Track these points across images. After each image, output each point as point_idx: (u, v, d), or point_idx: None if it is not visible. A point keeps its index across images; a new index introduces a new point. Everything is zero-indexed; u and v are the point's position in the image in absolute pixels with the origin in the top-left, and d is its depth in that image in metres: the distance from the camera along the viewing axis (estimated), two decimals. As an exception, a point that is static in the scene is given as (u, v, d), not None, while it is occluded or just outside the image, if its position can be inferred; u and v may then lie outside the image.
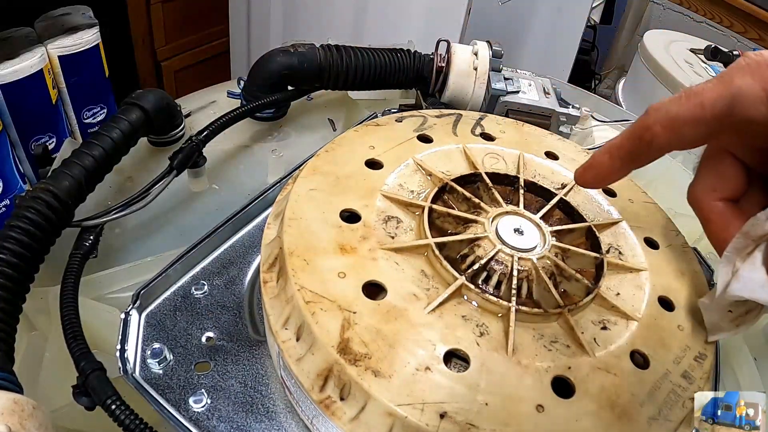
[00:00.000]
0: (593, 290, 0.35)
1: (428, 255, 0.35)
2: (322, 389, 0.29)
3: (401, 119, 0.45)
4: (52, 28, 0.99)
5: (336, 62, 0.58)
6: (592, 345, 0.32)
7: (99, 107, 1.09)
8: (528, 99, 0.61)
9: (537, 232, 0.37)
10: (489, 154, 0.43)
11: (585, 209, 0.41)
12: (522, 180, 0.41)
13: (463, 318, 0.32)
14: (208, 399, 0.35)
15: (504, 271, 0.34)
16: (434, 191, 0.38)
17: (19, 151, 0.97)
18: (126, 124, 0.47)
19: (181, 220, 0.51)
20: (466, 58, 0.61)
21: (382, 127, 0.44)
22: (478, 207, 0.38)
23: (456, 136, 0.45)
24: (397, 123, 0.45)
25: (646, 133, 0.31)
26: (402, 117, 0.46)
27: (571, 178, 0.41)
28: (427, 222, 0.36)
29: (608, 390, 0.30)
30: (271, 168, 0.57)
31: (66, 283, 0.38)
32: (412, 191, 0.39)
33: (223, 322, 0.40)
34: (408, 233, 0.36)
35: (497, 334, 0.31)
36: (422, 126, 0.45)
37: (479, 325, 0.32)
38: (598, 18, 1.82)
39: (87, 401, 0.32)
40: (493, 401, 0.28)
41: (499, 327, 0.32)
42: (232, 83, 0.66)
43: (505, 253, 0.35)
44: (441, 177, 0.40)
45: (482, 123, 0.47)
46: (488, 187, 0.40)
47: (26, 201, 0.37)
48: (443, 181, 0.39)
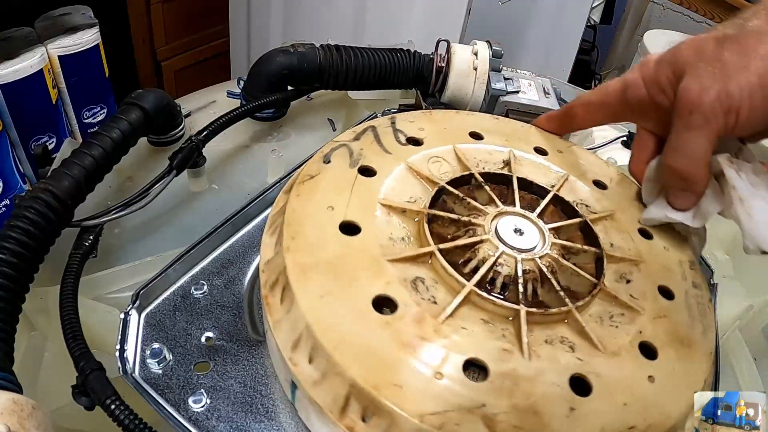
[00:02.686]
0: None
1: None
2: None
3: (328, 159, 0.39)
4: (52, 28, 0.99)
5: (336, 62, 0.58)
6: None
7: (99, 107, 1.09)
8: (528, 99, 0.61)
9: (536, 230, 0.37)
10: (432, 160, 0.41)
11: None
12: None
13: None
14: (207, 399, 0.35)
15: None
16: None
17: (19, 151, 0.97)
18: (126, 124, 0.47)
19: (180, 220, 0.51)
20: (466, 58, 0.61)
21: (323, 178, 0.38)
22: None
23: (390, 154, 0.41)
24: (327, 165, 0.39)
25: (571, 111, 0.46)
26: (327, 157, 0.40)
27: (505, 153, 0.44)
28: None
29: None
30: (270, 168, 0.57)
31: (66, 282, 0.38)
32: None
33: (223, 322, 0.40)
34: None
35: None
36: (354, 158, 0.40)
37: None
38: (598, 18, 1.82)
39: (86, 401, 0.32)
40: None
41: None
42: (232, 83, 0.66)
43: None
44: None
45: (399, 128, 0.44)
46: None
47: (26, 201, 0.37)
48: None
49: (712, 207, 0.39)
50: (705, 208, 0.39)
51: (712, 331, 0.36)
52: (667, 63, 0.39)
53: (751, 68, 0.35)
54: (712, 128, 0.36)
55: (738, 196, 0.37)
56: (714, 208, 0.38)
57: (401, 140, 0.42)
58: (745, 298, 0.51)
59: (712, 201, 0.39)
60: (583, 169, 0.45)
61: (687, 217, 0.40)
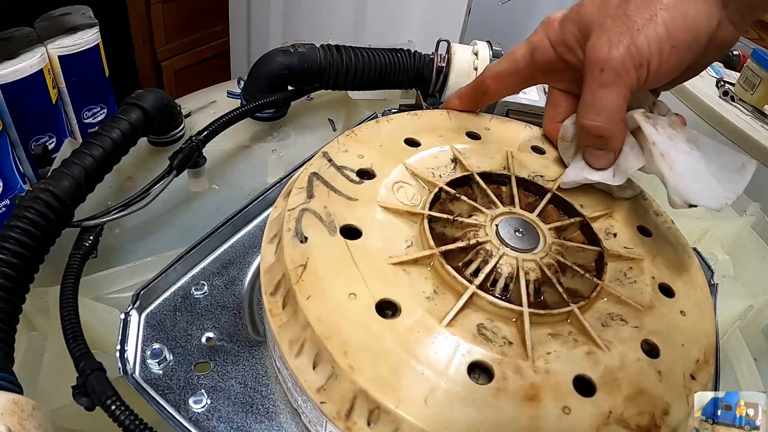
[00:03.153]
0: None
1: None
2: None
3: (303, 238, 0.34)
4: (52, 28, 0.98)
5: (336, 62, 0.58)
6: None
7: (99, 107, 1.09)
8: (528, 99, 0.61)
9: (536, 230, 0.37)
10: (395, 188, 0.38)
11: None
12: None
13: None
14: (208, 399, 0.35)
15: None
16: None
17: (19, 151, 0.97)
18: (126, 124, 0.47)
19: (181, 221, 0.51)
20: (467, 58, 0.61)
21: (317, 265, 0.33)
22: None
23: (356, 200, 0.37)
24: (306, 244, 0.33)
25: (482, 85, 0.46)
26: (299, 235, 0.34)
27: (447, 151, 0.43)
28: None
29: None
30: (271, 168, 0.57)
31: (66, 283, 0.38)
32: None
33: (223, 322, 0.40)
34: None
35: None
36: (327, 222, 0.35)
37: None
38: (598, 18, 1.82)
39: (87, 401, 0.32)
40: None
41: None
42: (232, 83, 0.66)
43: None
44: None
45: (340, 164, 0.39)
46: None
47: (26, 201, 0.37)
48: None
49: (632, 163, 0.38)
50: (624, 165, 0.39)
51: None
52: (571, 21, 0.39)
53: (657, 20, 0.35)
54: (624, 83, 0.36)
55: (658, 152, 0.37)
56: (634, 164, 0.38)
57: (352, 178, 0.39)
58: (745, 298, 0.51)
59: (631, 157, 0.38)
60: (517, 141, 0.45)
61: (607, 176, 0.40)
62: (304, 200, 0.36)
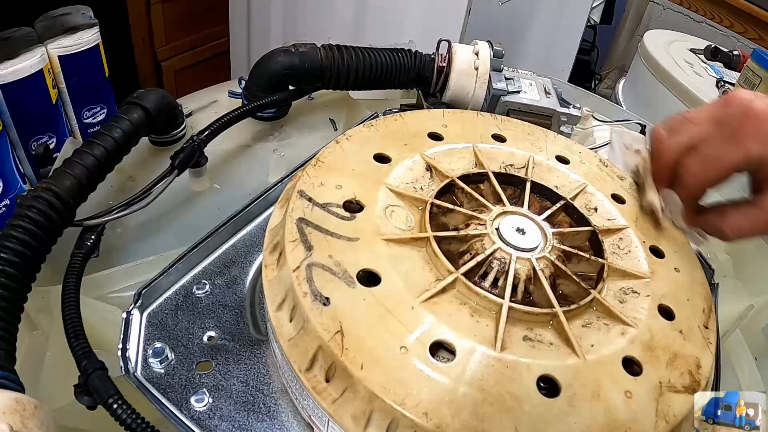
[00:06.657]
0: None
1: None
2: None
3: (325, 300, 0.32)
4: (52, 28, 0.98)
5: (337, 62, 0.58)
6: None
7: (99, 107, 1.09)
8: (529, 99, 0.61)
9: (539, 232, 0.37)
10: (388, 213, 0.37)
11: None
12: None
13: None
14: (209, 398, 0.35)
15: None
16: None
17: (19, 151, 0.97)
18: (127, 123, 0.47)
19: (182, 220, 0.51)
20: (467, 58, 0.61)
21: (350, 320, 0.31)
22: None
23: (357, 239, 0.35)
24: (327, 307, 0.31)
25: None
26: (318, 297, 0.32)
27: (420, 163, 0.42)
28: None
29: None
30: (272, 168, 0.57)
31: (67, 282, 0.38)
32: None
33: (225, 321, 0.40)
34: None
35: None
36: (339, 273, 0.33)
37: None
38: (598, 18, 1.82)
39: (89, 400, 0.32)
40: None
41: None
42: (233, 83, 0.66)
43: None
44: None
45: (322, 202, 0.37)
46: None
47: (28, 200, 0.37)
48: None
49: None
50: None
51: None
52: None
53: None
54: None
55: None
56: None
57: (342, 214, 0.36)
58: (746, 298, 0.51)
59: None
60: (476, 133, 0.45)
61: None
62: (304, 254, 0.33)
